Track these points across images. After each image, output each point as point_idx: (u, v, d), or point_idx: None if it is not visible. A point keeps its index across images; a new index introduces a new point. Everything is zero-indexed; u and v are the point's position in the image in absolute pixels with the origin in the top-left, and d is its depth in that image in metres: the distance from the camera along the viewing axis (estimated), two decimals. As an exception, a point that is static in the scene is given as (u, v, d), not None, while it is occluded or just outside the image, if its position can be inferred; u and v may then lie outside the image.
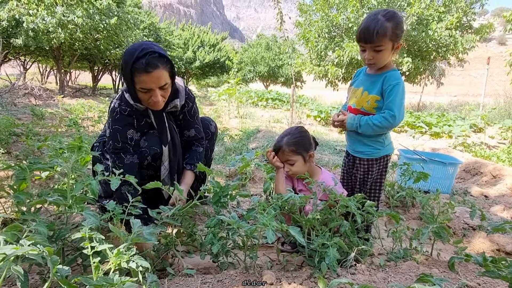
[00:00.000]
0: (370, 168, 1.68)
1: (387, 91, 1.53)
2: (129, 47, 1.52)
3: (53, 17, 9.27)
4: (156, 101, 1.53)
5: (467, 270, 1.40)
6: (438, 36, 10.57)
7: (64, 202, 1.06)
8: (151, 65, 1.44)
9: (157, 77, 1.47)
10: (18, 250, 0.63)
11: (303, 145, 1.68)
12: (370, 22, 1.50)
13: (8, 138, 3.18)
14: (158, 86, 1.50)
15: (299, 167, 1.67)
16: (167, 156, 1.71)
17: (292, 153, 1.66)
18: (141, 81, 1.47)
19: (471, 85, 31.91)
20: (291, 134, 1.70)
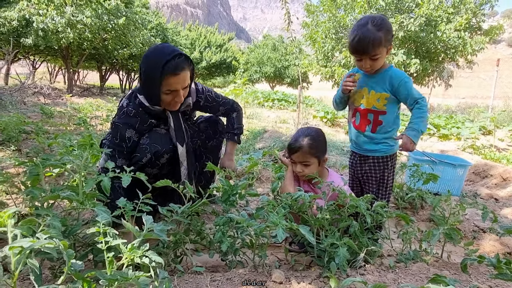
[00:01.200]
0: (385, 165, 1.70)
1: (400, 86, 1.58)
2: (151, 50, 1.56)
3: (62, 17, 9.38)
4: (180, 101, 1.59)
5: (479, 273, 1.38)
6: (447, 38, 10.46)
7: (76, 198, 1.07)
8: (180, 67, 1.50)
9: (183, 79, 1.54)
10: (35, 243, 0.64)
11: (322, 149, 1.67)
12: (362, 34, 1.52)
13: (18, 136, 3.22)
14: (182, 87, 1.56)
15: (313, 170, 1.65)
16: (185, 156, 1.72)
17: (310, 156, 1.63)
18: (169, 83, 1.52)
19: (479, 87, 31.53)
20: (312, 137, 1.65)
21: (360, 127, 1.70)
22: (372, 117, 1.66)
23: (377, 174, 1.71)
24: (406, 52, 10.76)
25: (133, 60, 15.03)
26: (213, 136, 1.96)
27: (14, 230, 0.71)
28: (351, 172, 1.85)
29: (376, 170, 1.71)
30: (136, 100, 1.63)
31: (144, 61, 1.55)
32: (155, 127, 1.70)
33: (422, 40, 10.76)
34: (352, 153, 1.82)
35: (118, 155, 1.59)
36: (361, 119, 1.69)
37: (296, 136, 1.68)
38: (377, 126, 1.66)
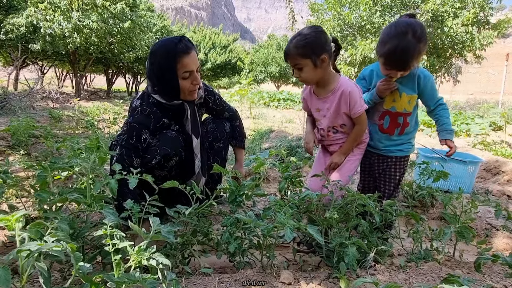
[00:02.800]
0: (405, 164, 1.73)
1: (427, 86, 1.58)
2: (156, 46, 1.61)
3: (69, 22, 9.51)
4: (197, 83, 1.63)
5: (492, 272, 1.35)
6: (454, 33, 10.31)
7: (84, 200, 1.08)
8: (189, 46, 1.57)
9: (194, 57, 1.60)
10: (43, 247, 0.64)
11: (313, 47, 1.49)
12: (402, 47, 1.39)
13: (27, 140, 3.26)
14: (196, 67, 1.61)
15: (309, 73, 1.53)
16: (199, 148, 1.75)
17: (300, 57, 1.50)
18: (184, 64, 1.56)
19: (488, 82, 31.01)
20: (301, 35, 1.51)
21: (390, 130, 1.68)
22: (402, 120, 1.64)
23: (396, 173, 1.73)
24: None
25: (139, 63, 15.17)
26: (219, 137, 1.96)
27: (22, 233, 0.72)
28: (365, 171, 1.84)
29: (397, 169, 1.72)
30: (150, 99, 1.64)
31: (153, 55, 1.59)
32: (166, 128, 1.70)
33: (429, 36, 10.60)
34: (368, 152, 1.78)
35: (135, 155, 1.59)
36: (390, 122, 1.66)
37: (289, 39, 1.57)
38: (405, 128, 1.66)
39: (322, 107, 1.67)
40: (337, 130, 1.70)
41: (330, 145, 1.79)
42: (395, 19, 10.83)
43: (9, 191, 1.93)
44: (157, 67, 1.58)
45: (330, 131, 1.71)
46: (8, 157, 2.92)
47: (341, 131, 1.70)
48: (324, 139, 1.77)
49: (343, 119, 1.66)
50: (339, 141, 1.73)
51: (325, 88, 1.63)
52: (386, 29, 1.48)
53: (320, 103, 1.67)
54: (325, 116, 1.67)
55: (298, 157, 3.39)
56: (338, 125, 1.68)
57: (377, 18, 11.11)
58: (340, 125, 1.68)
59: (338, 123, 1.67)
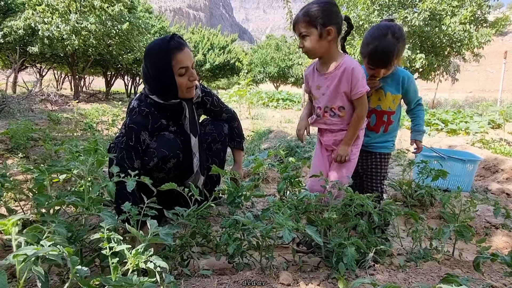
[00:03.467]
0: (387, 161, 1.79)
1: (410, 86, 1.69)
2: (149, 47, 1.62)
3: (67, 25, 9.50)
4: (194, 79, 1.64)
5: (492, 271, 1.35)
6: (452, 31, 10.33)
7: (82, 203, 1.07)
8: (182, 43, 1.59)
9: (188, 54, 1.61)
10: (39, 251, 0.64)
11: (321, 16, 1.47)
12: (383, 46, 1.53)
13: (26, 143, 3.26)
14: (191, 64, 1.62)
15: (312, 43, 1.50)
16: (197, 147, 1.75)
17: (305, 24, 1.49)
18: (179, 61, 1.57)
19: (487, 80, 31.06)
20: (312, 4, 1.50)
21: (375, 128, 1.76)
22: (386, 118, 1.74)
23: (382, 169, 1.78)
24: (411, 47, 10.65)
25: (138, 64, 15.16)
26: (218, 139, 1.96)
27: (18, 237, 0.71)
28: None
29: (382, 165, 1.78)
30: (147, 100, 1.64)
31: (148, 57, 1.60)
32: (164, 129, 1.69)
33: (427, 34, 10.64)
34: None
35: (135, 157, 1.59)
36: (377, 120, 1.75)
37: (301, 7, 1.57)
38: (389, 126, 1.75)
39: (322, 84, 1.63)
40: (335, 112, 1.65)
41: (324, 134, 1.74)
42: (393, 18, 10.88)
43: (8, 195, 1.93)
44: (153, 67, 1.58)
45: (327, 112, 1.66)
46: (7, 160, 2.91)
47: (338, 114, 1.64)
48: (319, 120, 1.71)
49: (343, 101, 1.60)
50: (333, 127, 1.67)
51: (328, 65, 1.59)
52: (369, 32, 1.62)
53: (321, 80, 1.63)
54: (324, 94, 1.63)
55: (297, 157, 3.39)
56: (336, 106, 1.63)
57: (375, 17, 11.12)
58: (338, 107, 1.63)
59: (337, 104, 1.62)
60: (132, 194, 1.49)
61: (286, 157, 3.28)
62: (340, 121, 1.66)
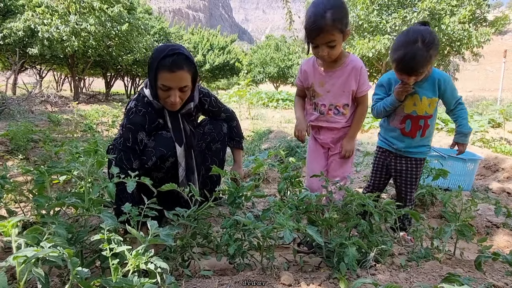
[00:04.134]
0: (422, 166, 1.77)
1: (447, 88, 1.63)
2: (160, 45, 1.59)
3: (66, 26, 9.51)
4: (173, 101, 1.56)
5: (493, 270, 1.35)
6: (451, 31, 10.33)
7: (82, 204, 1.07)
8: (177, 64, 1.49)
9: (179, 77, 1.52)
10: (39, 252, 0.64)
11: (346, 20, 1.41)
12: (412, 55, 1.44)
13: (26, 144, 3.26)
14: (178, 87, 1.54)
15: (338, 49, 1.45)
16: (183, 156, 1.71)
17: (336, 32, 1.38)
18: (164, 78, 1.51)
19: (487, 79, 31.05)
20: (335, 8, 1.37)
21: (411, 133, 1.71)
22: (423, 123, 1.69)
23: (417, 174, 1.76)
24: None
25: (137, 65, 15.17)
26: (217, 138, 1.95)
27: (18, 239, 0.71)
28: (378, 168, 1.86)
29: (418, 170, 1.76)
30: (144, 99, 1.64)
31: (151, 54, 1.59)
32: (161, 128, 1.69)
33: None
34: (385, 151, 1.81)
35: (133, 157, 1.58)
36: (412, 125, 1.70)
37: (314, 12, 1.40)
38: (426, 130, 1.71)
39: (327, 81, 1.60)
40: (339, 110, 1.65)
41: (321, 132, 1.73)
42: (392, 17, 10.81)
43: (8, 196, 1.93)
44: (148, 62, 1.60)
45: (331, 109, 1.65)
46: (7, 162, 2.91)
47: (342, 112, 1.65)
48: (322, 118, 1.69)
49: (348, 98, 1.61)
50: (335, 125, 1.67)
51: (334, 62, 1.57)
52: (399, 37, 1.54)
53: (325, 77, 1.59)
54: (329, 91, 1.61)
55: (297, 157, 3.38)
56: (341, 104, 1.63)
57: (374, 17, 11.13)
58: (343, 105, 1.63)
59: (342, 102, 1.62)
60: (132, 195, 1.49)
61: (286, 157, 3.28)
62: (343, 118, 1.66)
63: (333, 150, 1.75)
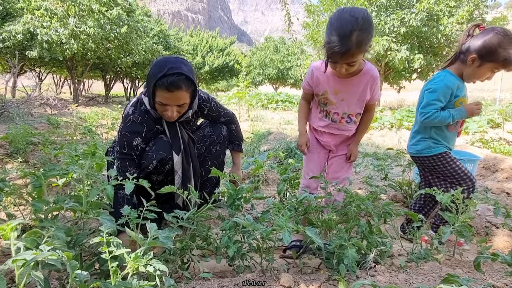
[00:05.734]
0: None
1: None
2: (161, 59, 1.54)
3: (66, 29, 9.53)
4: (170, 116, 1.57)
5: (493, 270, 1.35)
6: (450, 31, 10.36)
7: (80, 208, 1.07)
8: (175, 85, 1.47)
9: (177, 97, 1.51)
10: (38, 256, 0.64)
11: (371, 41, 1.32)
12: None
13: (25, 147, 3.26)
14: (176, 104, 1.54)
15: (356, 66, 1.42)
16: (180, 164, 1.70)
17: (360, 54, 1.32)
18: (161, 96, 1.51)
19: (486, 80, 31.07)
20: (362, 30, 1.26)
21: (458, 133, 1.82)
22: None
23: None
24: (409, 48, 10.68)
25: (137, 68, 15.19)
26: (217, 141, 1.95)
27: (17, 242, 0.71)
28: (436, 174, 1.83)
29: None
30: (142, 107, 1.63)
31: (152, 65, 1.56)
32: (161, 133, 1.69)
33: (424, 35, 10.68)
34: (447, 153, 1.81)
35: (129, 164, 1.58)
36: (461, 126, 1.81)
37: (339, 32, 1.28)
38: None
39: (342, 89, 1.55)
40: (351, 119, 1.63)
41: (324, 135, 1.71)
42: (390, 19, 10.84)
43: (7, 199, 1.92)
44: (147, 75, 1.58)
45: (344, 118, 1.62)
46: (6, 165, 2.91)
47: (354, 121, 1.63)
48: (333, 125, 1.65)
49: (361, 107, 1.59)
50: (346, 133, 1.66)
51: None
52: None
53: (340, 85, 1.54)
54: (344, 100, 1.57)
55: (297, 159, 3.39)
56: (354, 113, 1.61)
57: (373, 18, 11.14)
58: (355, 114, 1.62)
59: (355, 111, 1.60)
60: (129, 198, 1.49)
61: (286, 158, 3.28)
62: (354, 126, 1.67)
63: (335, 152, 1.74)
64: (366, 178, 2.41)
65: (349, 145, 1.72)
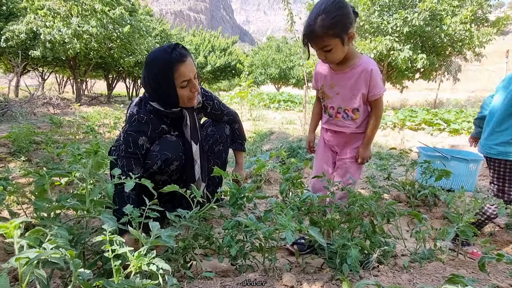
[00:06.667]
0: None
1: None
2: (150, 57, 1.56)
3: (68, 28, 9.56)
4: (196, 90, 1.61)
5: (497, 271, 1.34)
6: (453, 31, 10.31)
7: (82, 206, 1.07)
8: (184, 54, 1.54)
9: (191, 65, 1.57)
10: (41, 254, 0.64)
11: (342, 24, 1.34)
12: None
13: (28, 146, 3.27)
14: (194, 75, 1.59)
15: (337, 53, 1.41)
16: (198, 154, 1.73)
17: (329, 37, 1.34)
18: (181, 74, 1.54)
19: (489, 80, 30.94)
20: (326, 13, 1.32)
21: None
22: None
23: None
24: (412, 47, 10.63)
25: (139, 67, 15.23)
26: (220, 140, 1.95)
27: (20, 241, 0.71)
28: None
29: None
30: (147, 107, 1.63)
31: (148, 67, 1.55)
32: (166, 133, 1.69)
33: (427, 34, 10.62)
34: None
35: (135, 163, 1.58)
36: None
37: (308, 17, 1.38)
38: None
39: (337, 83, 1.55)
40: (348, 115, 1.59)
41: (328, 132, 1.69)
42: (393, 18, 10.79)
43: (10, 198, 1.93)
44: (153, 78, 1.55)
45: (340, 113, 1.60)
46: (9, 163, 2.92)
47: (351, 117, 1.59)
48: (331, 120, 1.65)
49: (358, 102, 1.54)
50: (344, 130, 1.62)
51: (344, 63, 1.52)
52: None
53: (335, 78, 1.55)
54: (339, 93, 1.56)
55: (299, 158, 3.38)
56: (351, 108, 1.57)
57: (376, 18, 11.12)
58: (352, 109, 1.57)
59: (351, 106, 1.56)
60: (134, 198, 1.49)
61: (288, 158, 3.28)
62: (353, 124, 1.61)
63: (341, 154, 1.70)
64: (369, 177, 2.40)
65: (356, 148, 1.65)
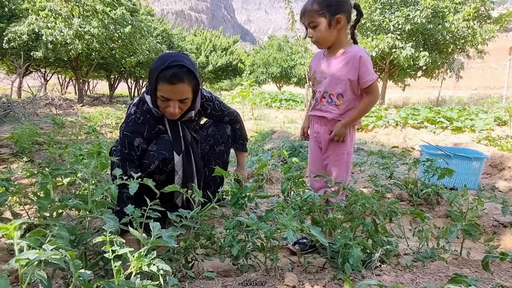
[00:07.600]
0: None
1: None
2: (164, 54, 1.55)
3: (70, 29, 9.59)
4: (172, 112, 1.55)
5: (501, 270, 1.33)
6: (455, 28, 10.25)
7: (84, 206, 1.07)
8: (177, 77, 1.46)
9: (180, 90, 1.50)
10: (41, 255, 0.63)
11: (330, 5, 1.48)
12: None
13: (31, 147, 3.28)
14: (178, 99, 1.52)
15: (321, 32, 1.50)
16: (180, 165, 1.68)
17: (315, 14, 1.48)
18: (163, 90, 1.49)
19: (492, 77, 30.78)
20: None
21: None
22: None
23: None
24: (414, 45, 10.58)
25: (141, 67, 15.25)
26: (221, 140, 1.95)
27: (20, 242, 0.71)
28: None
29: None
30: (144, 107, 1.63)
31: (154, 61, 1.56)
32: (163, 133, 1.69)
33: (430, 32, 10.57)
34: None
35: (129, 165, 1.57)
36: None
37: None
38: None
39: (326, 68, 1.60)
40: (332, 99, 1.59)
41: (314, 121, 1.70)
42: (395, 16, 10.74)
43: (13, 199, 1.94)
44: (150, 70, 1.57)
45: (325, 97, 1.61)
46: (12, 164, 2.93)
47: (335, 102, 1.58)
48: (316, 106, 1.67)
49: (343, 87, 1.54)
50: (327, 115, 1.60)
51: (336, 51, 1.57)
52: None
53: (326, 64, 1.60)
54: (326, 78, 1.60)
55: (301, 157, 3.37)
56: (335, 93, 1.57)
57: (377, 15, 11.08)
58: (337, 94, 1.57)
59: (336, 90, 1.57)
60: (131, 198, 1.48)
61: (290, 157, 3.27)
62: (335, 109, 1.59)
63: (325, 151, 1.68)
64: (371, 176, 2.39)
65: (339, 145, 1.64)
